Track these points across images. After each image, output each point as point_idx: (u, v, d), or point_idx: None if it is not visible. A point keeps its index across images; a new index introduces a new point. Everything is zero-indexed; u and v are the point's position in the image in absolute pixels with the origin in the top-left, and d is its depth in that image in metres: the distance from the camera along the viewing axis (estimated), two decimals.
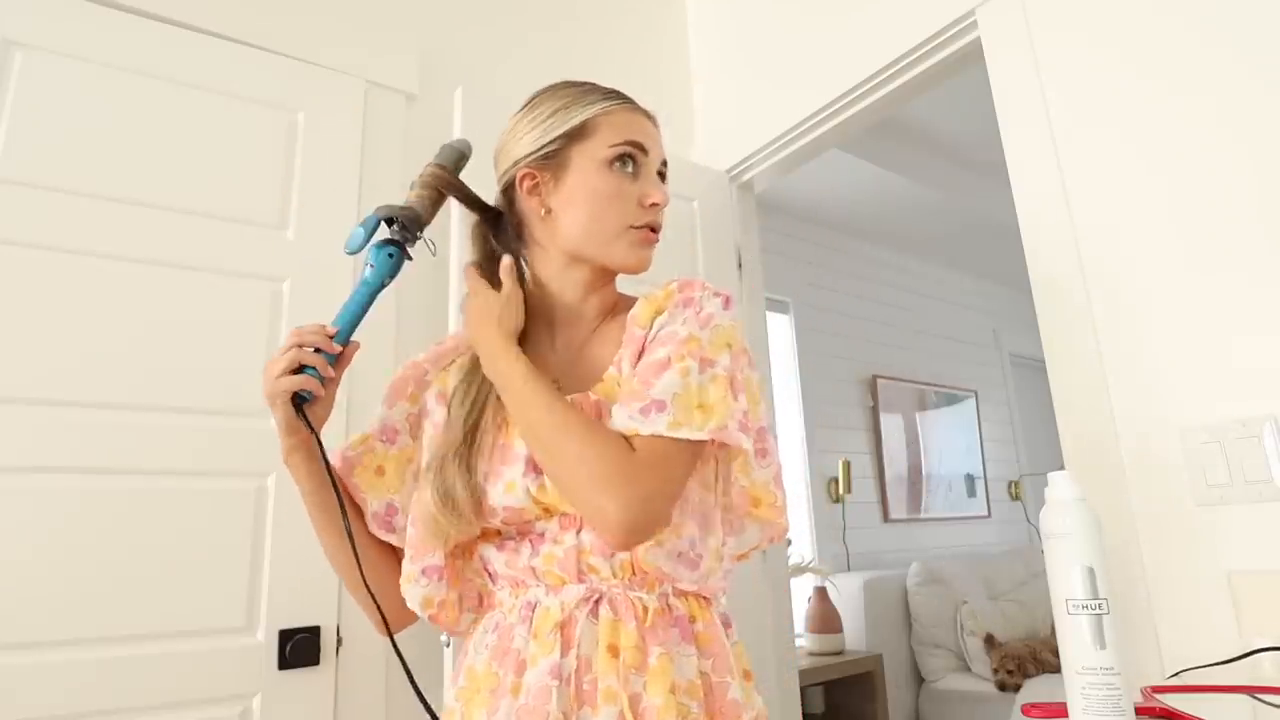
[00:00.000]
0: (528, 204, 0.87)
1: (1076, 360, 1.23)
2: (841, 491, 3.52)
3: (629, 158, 0.84)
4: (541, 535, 0.79)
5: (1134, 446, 1.15)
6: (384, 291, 0.84)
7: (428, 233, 0.86)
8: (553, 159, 0.85)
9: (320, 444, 0.80)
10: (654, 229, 0.85)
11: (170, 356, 1.32)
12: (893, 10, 1.62)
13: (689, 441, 0.72)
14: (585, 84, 0.89)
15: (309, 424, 0.79)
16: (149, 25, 1.42)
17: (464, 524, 0.78)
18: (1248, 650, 0.95)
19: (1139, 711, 0.72)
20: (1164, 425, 1.12)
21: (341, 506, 0.78)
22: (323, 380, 0.79)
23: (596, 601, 0.75)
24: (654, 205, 0.84)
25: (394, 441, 0.89)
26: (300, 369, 0.78)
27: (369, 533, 0.87)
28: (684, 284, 0.83)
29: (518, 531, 0.80)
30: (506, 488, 0.77)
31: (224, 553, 1.29)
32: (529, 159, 0.85)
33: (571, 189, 0.84)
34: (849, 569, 3.44)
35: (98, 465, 1.23)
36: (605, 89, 0.88)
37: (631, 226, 0.84)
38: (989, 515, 4.31)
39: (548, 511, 0.78)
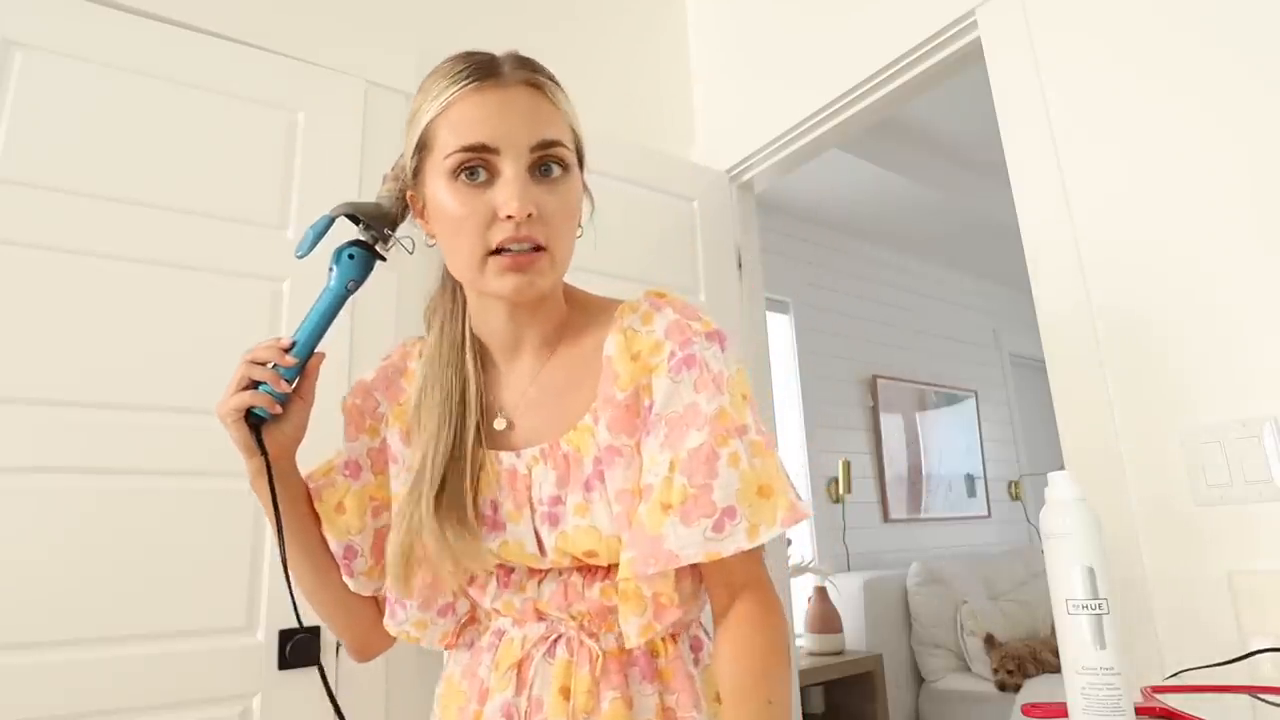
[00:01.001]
0: (425, 229, 0.76)
1: (1076, 360, 1.23)
2: (841, 491, 3.52)
3: (476, 165, 0.68)
4: (509, 574, 0.78)
5: (1134, 446, 1.15)
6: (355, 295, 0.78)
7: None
8: (418, 176, 0.74)
9: (269, 468, 0.75)
10: (525, 246, 0.68)
11: (170, 357, 1.31)
12: (893, 10, 1.62)
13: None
14: (444, 64, 0.73)
15: (261, 445, 0.74)
16: (149, 25, 1.42)
17: (464, 568, 0.75)
18: (1248, 651, 0.95)
19: (1139, 711, 0.72)
20: (1164, 425, 1.12)
21: (280, 538, 0.75)
22: (281, 398, 0.75)
23: (554, 641, 0.75)
24: (510, 218, 0.67)
25: (357, 477, 0.83)
26: (255, 386, 0.74)
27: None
28: (675, 329, 0.73)
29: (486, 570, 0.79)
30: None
31: (224, 553, 1.29)
32: (408, 176, 0.75)
33: (433, 212, 0.73)
34: (849, 569, 3.44)
35: (97, 465, 1.23)
36: (460, 65, 0.71)
37: (489, 252, 0.69)
38: (989, 515, 4.31)
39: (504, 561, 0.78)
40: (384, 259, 0.80)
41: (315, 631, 1.33)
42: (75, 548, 1.19)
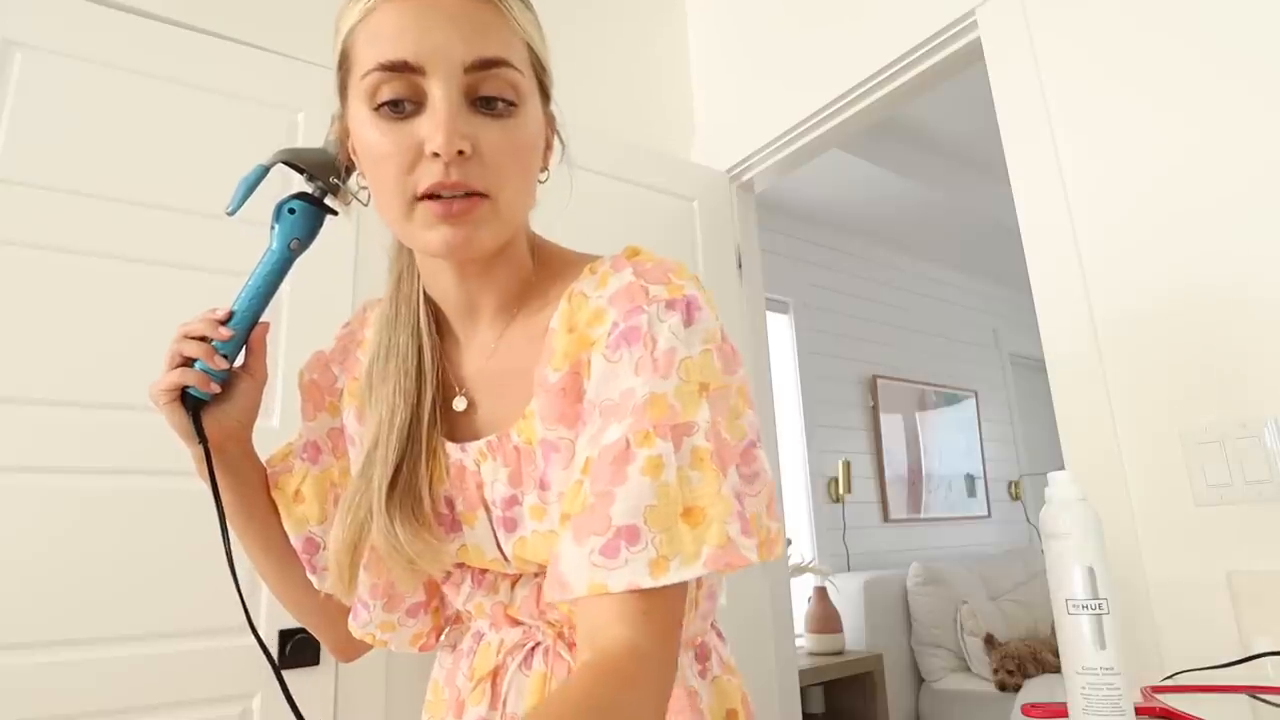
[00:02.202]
0: (357, 170, 0.64)
1: (1076, 360, 1.23)
2: (841, 491, 3.52)
3: (391, 89, 0.54)
4: (484, 573, 0.69)
5: (1134, 446, 1.15)
6: (302, 256, 0.68)
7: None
8: (343, 103, 0.61)
9: (208, 453, 0.66)
10: (456, 192, 0.54)
11: None
12: (893, 10, 1.62)
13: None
14: None
15: (198, 429, 0.66)
16: (149, 25, 1.42)
17: (420, 572, 0.64)
18: (1249, 653, 0.95)
19: (1139, 711, 0.72)
20: (1164, 425, 1.12)
21: (224, 533, 0.66)
22: (220, 376, 0.66)
23: (532, 650, 0.66)
24: (436, 155, 0.53)
25: (315, 460, 0.73)
26: (190, 364, 0.65)
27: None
28: (622, 295, 0.57)
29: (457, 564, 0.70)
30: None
31: (224, 553, 1.29)
32: (337, 104, 0.62)
33: (355, 147, 0.60)
34: (849, 569, 3.44)
35: (97, 465, 1.23)
36: None
37: (415, 197, 0.55)
38: (989, 515, 4.31)
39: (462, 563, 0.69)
40: (334, 213, 0.68)
41: None
42: (75, 547, 1.19)
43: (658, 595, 0.50)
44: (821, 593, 3.01)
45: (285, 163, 0.66)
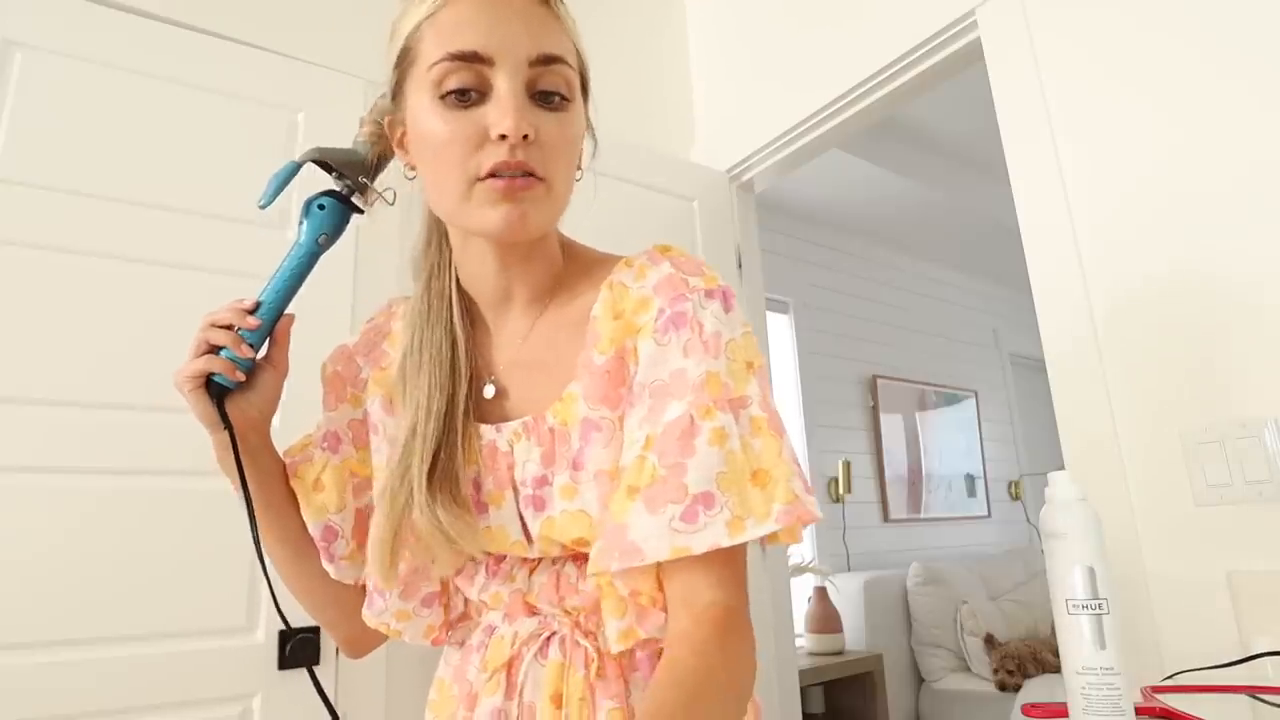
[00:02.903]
0: (402, 161, 0.67)
1: (1076, 360, 1.23)
2: (841, 491, 3.52)
3: (461, 83, 0.58)
4: (500, 562, 0.70)
5: (1134, 446, 1.15)
6: (328, 252, 0.70)
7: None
8: (399, 98, 0.64)
9: (233, 440, 0.67)
10: (517, 172, 0.58)
11: (170, 357, 1.30)
12: (893, 10, 1.62)
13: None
14: None
15: (224, 416, 0.66)
16: (149, 25, 1.42)
17: (460, 551, 0.65)
18: (1249, 653, 0.95)
19: (1139, 711, 0.72)
20: (1164, 425, 1.12)
21: (251, 520, 0.67)
22: (246, 365, 0.67)
23: (548, 639, 0.66)
24: (503, 137, 0.57)
25: (336, 450, 0.74)
26: (216, 352, 0.66)
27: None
28: (666, 285, 0.62)
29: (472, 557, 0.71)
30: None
31: (224, 553, 1.29)
32: (388, 100, 0.66)
33: (414, 138, 0.63)
34: (849, 569, 3.45)
35: (97, 465, 1.23)
36: None
37: (477, 178, 0.59)
38: (989, 515, 4.31)
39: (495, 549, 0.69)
40: (361, 211, 0.71)
41: (315, 631, 1.33)
42: (75, 548, 1.19)
43: (735, 553, 0.56)
44: (821, 593, 3.01)
45: (315, 161, 0.68)
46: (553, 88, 0.61)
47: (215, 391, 0.67)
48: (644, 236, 0.83)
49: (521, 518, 0.66)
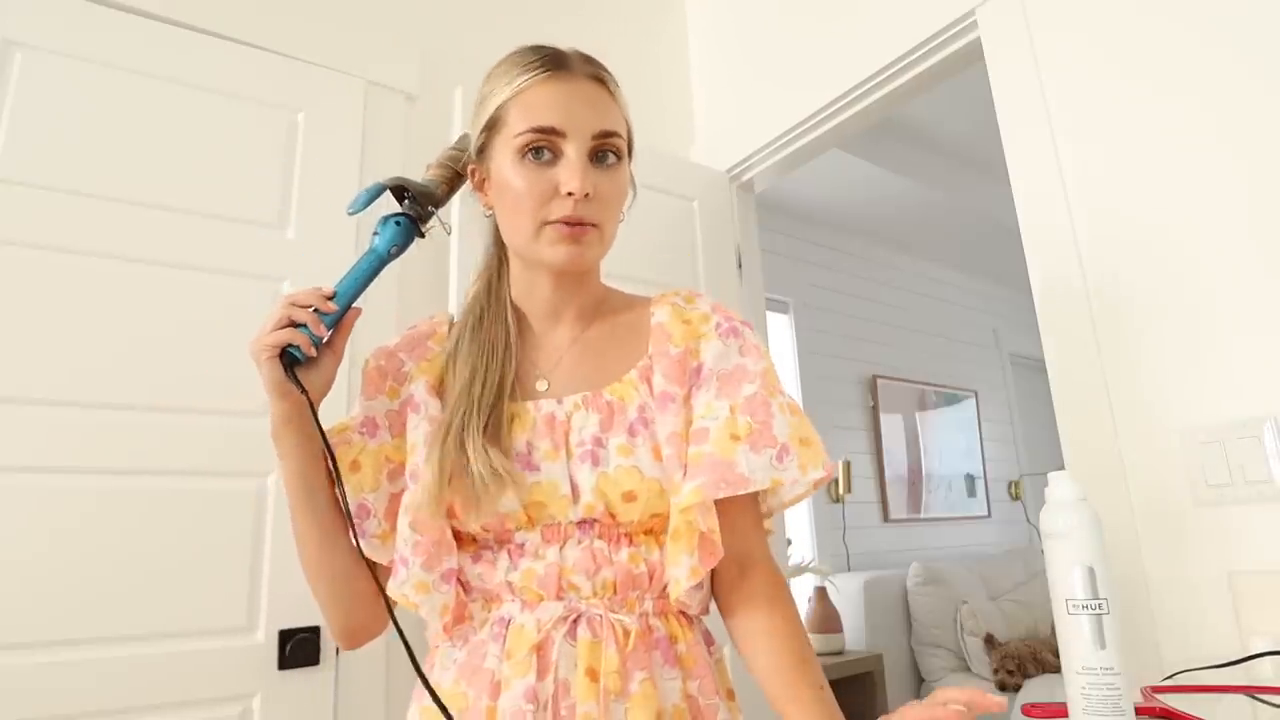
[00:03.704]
0: (482, 201, 0.84)
1: (1076, 360, 1.23)
2: (841, 491, 3.52)
3: (538, 146, 0.76)
4: (521, 547, 0.75)
5: (1134, 446, 1.15)
6: (391, 265, 0.81)
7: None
8: (484, 153, 0.81)
9: (313, 406, 0.73)
10: (577, 222, 0.75)
11: (170, 357, 1.31)
12: (892, 10, 1.62)
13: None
14: (515, 54, 0.81)
15: (299, 382, 0.72)
16: (149, 25, 1.42)
17: (504, 489, 0.73)
18: (1249, 653, 0.95)
19: (1139, 711, 0.72)
20: (1164, 425, 1.12)
21: (337, 473, 0.72)
22: (317, 342, 0.74)
23: (574, 621, 0.71)
24: (570, 194, 0.74)
25: (374, 435, 0.81)
26: (293, 328, 0.73)
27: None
28: (718, 309, 0.84)
29: (496, 540, 0.76)
30: None
31: (224, 553, 1.29)
32: (472, 152, 0.82)
33: (495, 185, 0.80)
34: (849, 569, 3.44)
35: (97, 465, 1.23)
36: (532, 57, 0.79)
37: (546, 222, 0.76)
38: (989, 515, 4.31)
39: (531, 520, 0.74)
40: (423, 235, 0.83)
41: (315, 631, 1.33)
42: (75, 548, 1.19)
43: (766, 526, 0.83)
44: (821, 593, 3.01)
45: (394, 187, 0.81)
46: (607, 152, 0.78)
47: (288, 361, 0.73)
48: (644, 236, 0.86)
49: (572, 476, 0.75)
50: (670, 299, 0.85)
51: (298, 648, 1.30)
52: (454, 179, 0.85)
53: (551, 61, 0.78)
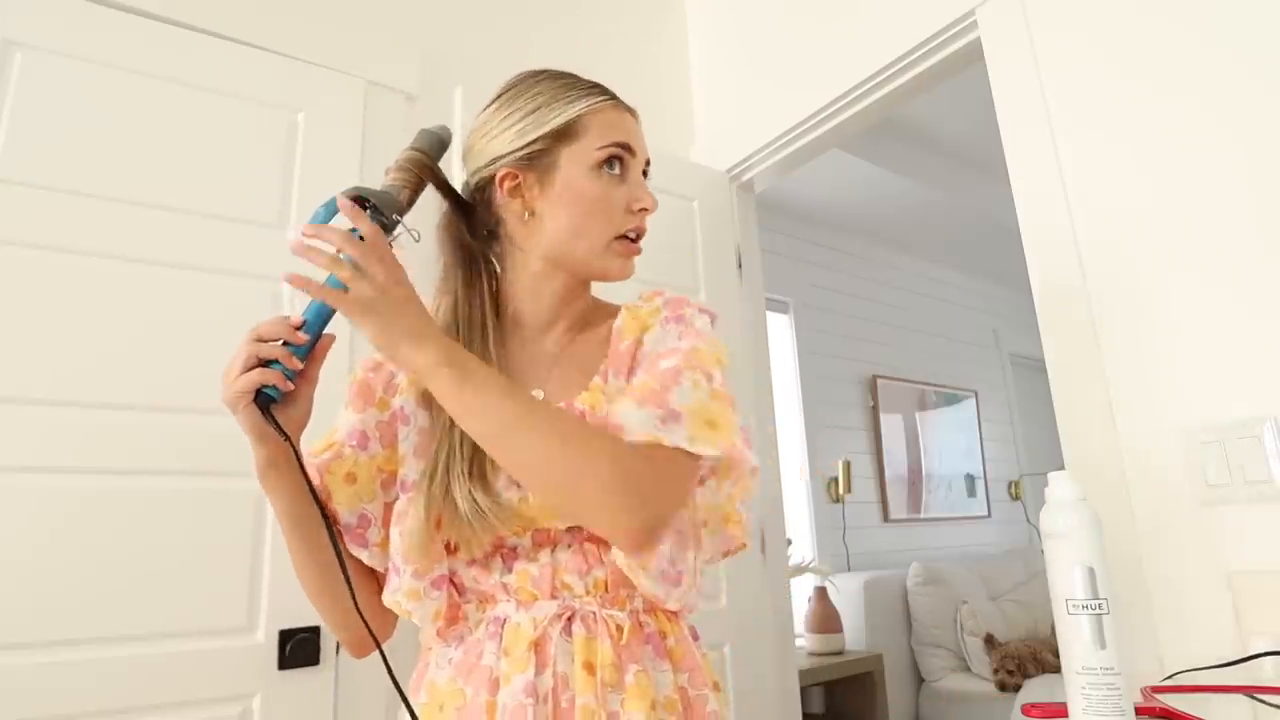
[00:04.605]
0: (508, 205, 0.82)
1: (1076, 360, 1.23)
2: (841, 491, 3.52)
3: (617, 160, 0.81)
4: (514, 551, 0.77)
5: (1134, 446, 1.15)
6: None
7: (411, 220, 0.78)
8: (538, 160, 0.80)
9: (296, 451, 0.71)
10: (638, 236, 0.83)
11: (170, 357, 1.31)
12: (892, 10, 1.62)
13: (699, 457, 0.70)
14: (563, 76, 0.83)
15: (279, 427, 0.70)
16: (149, 25, 1.42)
17: (495, 530, 0.74)
18: (1248, 653, 0.95)
19: (1139, 711, 0.72)
20: (1164, 425, 1.12)
21: (327, 520, 0.71)
22: (291, 376, 0.70)
23: (569, 619, 0.74)
24: (643, 210, 0.81)
25: (365, 448, 0.80)
26: (263, 366, 0.69)
27: (348, 550, 0.79)
28: (672, 301, 0.82)
29: (490, 545, 0.77)
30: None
31: (224, 553, 1.29)
32: (510, 158, 0.80)
33: (559, 193, 0.80)
34: (849, 569, 3.44)
35: (97, 465, 1.23)
36: (586, 82, 0.83)
37: (617, 236, 0.81)
38: (989, 515, 4.31)
39: (523, 529, 0.76)
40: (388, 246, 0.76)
41: (315, 631, 1.33)
42: (75, 547, 1.19)
43: (687, 461, 0.70)
44: (821, 593, 3.01)
45: (353, 199, 0.73)
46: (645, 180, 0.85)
47: (261, 403, 0.69)
48: (644, 236, 0.85)
49: None
50: (632, 304, 0.85)
51: (298, 648, 1.30)
52: (417, 183, 0.79)
53: (607, 91, 0.83)
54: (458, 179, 0.89)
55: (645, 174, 0.85)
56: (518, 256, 0.84)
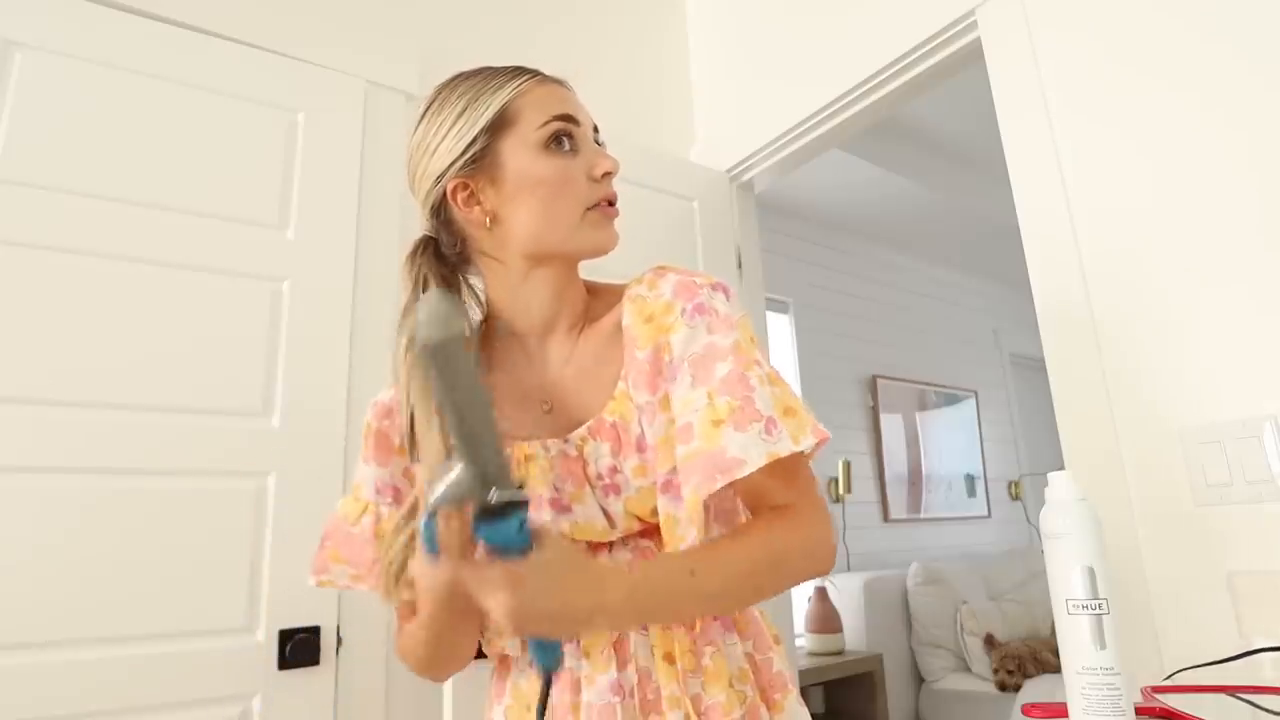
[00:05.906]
0: (469, 217, 0.77)
1: (1076, 360, 1.23)
2: (841, 491, 3.52)
3: (563, 135, 0.76)
4: None
5: (1134, 446, 1.15)
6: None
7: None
8: (481, 160, 0.76)
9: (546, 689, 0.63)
10: (611, 201, 0.78)
11: (170, 356, 1.31)
12: (893, 10, 1.62)
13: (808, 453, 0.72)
14: (479, 70, 0.79)
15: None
16: (149, 25, 1.42)
17: None
18: (1247, 650, 0.95)
19: (1139, 711, 0.72)
20: (1164, 425, 1.12)
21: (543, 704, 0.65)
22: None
23: None
24: (606, 175, 0.77)
25: (399, 501, 0.78)
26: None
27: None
28: (682, 290, 0.76)
29: None
30: None
31: (224, 553, 1.29)
32: (454, 168, 0.76)
33: (514, 187, 0.76)
34: (849, 569, 3.44)
35: (97, 465, 1.23)
36: (505, 69, 0.79)
37: (588, 207, 0.77)
38: (989, 515, 4.31)
39: (575, 542, 0.76)
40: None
41: (315, 631, 1.33)
42: (75, 548, 1.19)
43: (799, 463, 0.73)
44: (821, 593, 3.01)
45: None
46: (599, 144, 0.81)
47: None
48: (644, 236, 0.85)
49: (603, 507, 0.75)
50: (633, 293, 0.79)
51: (298, 648, 1.30)
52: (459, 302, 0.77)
53: (529, 70, 0.79)
54: (412, 211, 0.84)
55: (598, 141, 0.80)
56: (495, 267, 0.79)
